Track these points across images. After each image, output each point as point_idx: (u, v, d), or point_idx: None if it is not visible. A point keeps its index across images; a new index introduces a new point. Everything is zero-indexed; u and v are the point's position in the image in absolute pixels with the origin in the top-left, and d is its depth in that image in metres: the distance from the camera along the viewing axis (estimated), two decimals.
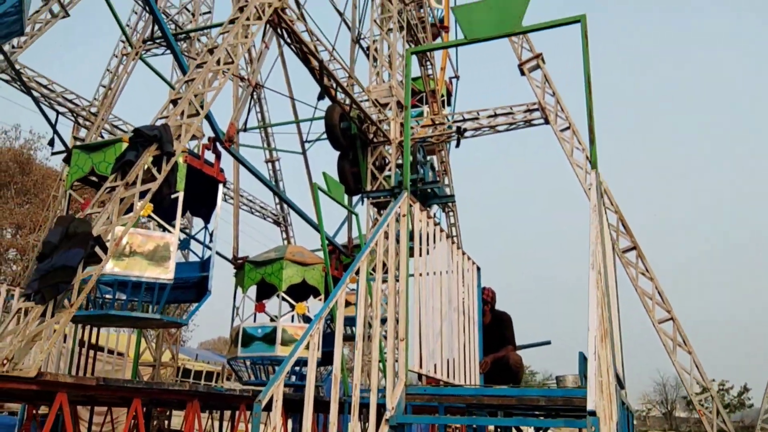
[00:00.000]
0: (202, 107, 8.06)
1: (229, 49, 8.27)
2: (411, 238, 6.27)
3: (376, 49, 14.51)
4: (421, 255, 6.46)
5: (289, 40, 10.55)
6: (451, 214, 18.66)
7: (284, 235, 20.53)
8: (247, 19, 8.80)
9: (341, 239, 17.58)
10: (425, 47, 12.62)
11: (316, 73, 11.39)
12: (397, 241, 6.39)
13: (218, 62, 8.06)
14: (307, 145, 19.28)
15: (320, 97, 11.87)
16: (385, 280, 6.07)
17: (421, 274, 6.43)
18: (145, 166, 6.57)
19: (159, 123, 7.10)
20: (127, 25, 17.34)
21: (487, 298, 9.16)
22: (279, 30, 10.34)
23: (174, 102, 7.47)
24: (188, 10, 17.30)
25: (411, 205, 6.55)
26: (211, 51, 8.20)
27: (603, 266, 5.87)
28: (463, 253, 8.29)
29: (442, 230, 7.43)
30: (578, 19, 6.91)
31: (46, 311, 5.17)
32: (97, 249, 5.58)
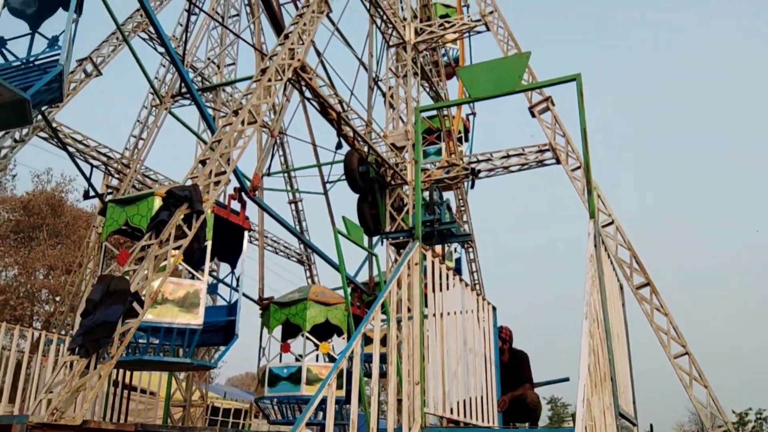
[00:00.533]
0: (228, 162, 8.67)
1: (253, 110, 8.91)
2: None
3: (392, 96, 15.15)
4: (435, 299, 6.88)
5: (308, 95, 11.21)
6: (471, 250, 19.03)
7: (308, 274, 21.07)
8: (269, 80, 9.45)
9: (363, 277, 18.05)
10: (432, 106, 13.22)
11: (335, 123, 12.02)
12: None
13: (243, 123, 8.69)
14: (328, 186, 19.95)
15: (338, 147, 12.48)
16: (400, 326, 6.50)
17: (434, 315, 6.85)
18: (177, 224, 7.14)
19: (188, 183, 7.70)
20: (156, 78, 18.31)
21: (505, 337, 9.46)
22: (299, 85, 11.01)
23: (203, 162, 8.09)
24: (214, 63, 18.21)
25: (423, 253, 7.03)
26: (236, 112, 8.84)
27: (602, 313, 6.24)
28: (478, 294, 8.69)
29: (455, 274, 7.86)
30: (574, 78, 7.42)
31: (89, 364, 5.69)
32: (135, 304, 6.13)
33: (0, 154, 11.53)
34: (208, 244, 9.98)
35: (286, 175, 18.92)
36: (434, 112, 22.95)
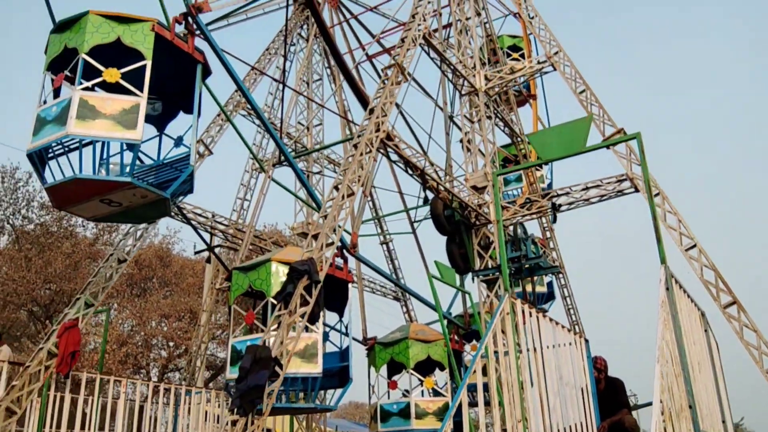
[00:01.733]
0: (335, 231, 10.04)
1: (350, 184, 10.27)
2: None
3: (469, 141, 16.22)
4: (527, 340, 7.86)
5: (395, 158, 12.52)
6: (561, 276, 19.59)
7: (404, 309, 22.29)
8: (361, 154, 10.80)
9: (457, 307, 19.05)
10: (510, 170, 14.14)
11: (419, 178, 13.24)
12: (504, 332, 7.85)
13: (342, 197, 10.06)
14: (416, 224, 21.21)
15: (425, 202, 13.67)
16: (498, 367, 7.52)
17: (529, 352, 7.81)
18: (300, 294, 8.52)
19: (305, 257, 9.10)
20: (254, 144, 20.29)
21: (600, 367, 10.25)
22: (385, 151, 12.35)
23: (315, 237, 9.49)
24: (302, 125, 19.99)
25: (513, 303, 8.04)
26: (336, 188, 10.24)
27: (678, 349, 7.01)
28: (569, 330, 9.56)
29: (545, 315, 8.81)
30: (634, 137, 8.30)
31: (247, 421, 7.06)
32: (276, 368, 7.49)
33: (137, 235, 13.54)
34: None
35: (376, 220, 20.37)
36: (508, 141, 23.79)
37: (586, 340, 10.25)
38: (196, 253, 24.61)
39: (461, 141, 16.72)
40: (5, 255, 31.85)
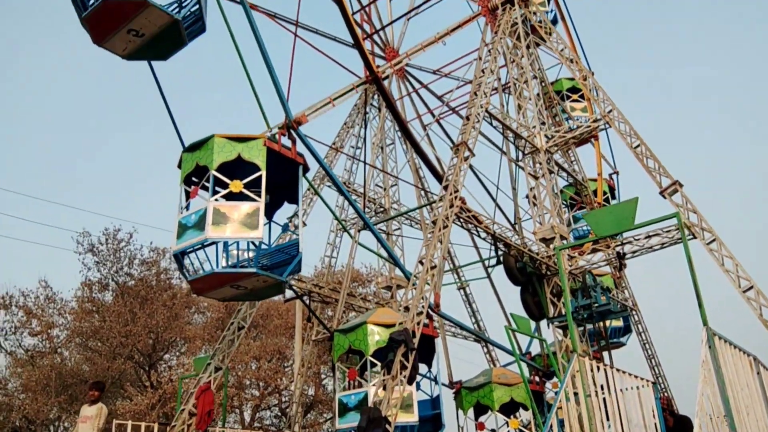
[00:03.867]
0: (423, 300, 11.85)
1: (431, 257, 12.09)
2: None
3: (534, 196, 17.78)
4: (597, 395, 9.33)
5: (468, 226, 14.28)
6: (635, 313, 20.58)
7: (485, 350, 23.71)
8: (439, 230, 12.63)
9: (535, 348, 20.30)
10: (572, 244, 15.57)
11: (491, 241, 14.92)
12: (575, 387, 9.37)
13: (427, 271, 11.88)
14: (490, 269, 22.76)
15: (498, 263, 15.33)
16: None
17: (598, 398, 9.28)
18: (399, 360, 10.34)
19: (403, 327, 10.94)
20: (337, 206, 22.52)
21: (664, 405, 11.58)
22: (459, 222, 14.14)
23: (406, 308, 11.34)
24: (380, 186, 22.09)
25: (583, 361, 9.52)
26: (421, 262, 12.08)
27: (721, 398, 8.34)
28: (636, 377, 10.98)
29: (611, 367, 10.31)
30: (674, 215, 9.76)
31: None
32: (387, 426, 9.28)
33: (252, 305, 15.83)
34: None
35: (454, 269, 22.14)
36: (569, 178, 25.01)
37: (654, 383, 11.62)
38: (286, 301, 26.89)
39: (527, 197, 18.29)
40: (112, 311, 35.34)
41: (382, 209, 21.37)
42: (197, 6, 12.57)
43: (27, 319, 33.52)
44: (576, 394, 9.03)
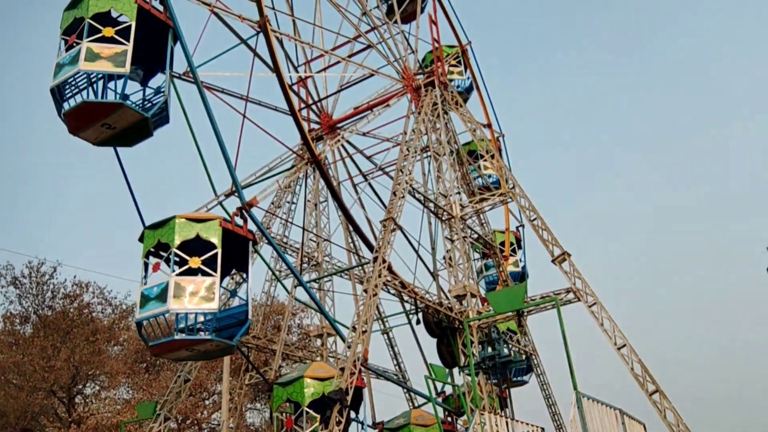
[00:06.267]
0: (356, 362, 14.05)
1: (364, 324, 14.33)
2: None
3: (450, 258, 20.44)
4: None
5: (394, 292, 16.69)
6: (537, 364, 23.55)
7: (405, 392, 26.13)
8: (370, 298, 14.90)
9: (448, 389, 22.89)
10: (482, 316, 18.26)
11: (413, 303, 17.38)
12: None
13: (359, 335, 14.11)
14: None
15: (418, 322, 17.84)
16: None
17: None
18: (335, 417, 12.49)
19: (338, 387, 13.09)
20: (272, 257, 24.43)
21: None
22: (386, 288, 16.51)
23: (342, 369, 13.51)
24: (313, 241, 24.20)
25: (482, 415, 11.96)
26: (353, 328, 14.30)
27: None
28: (528, 424, 13.54)
29: (511, 407, 12.86)
30: (554, 300, 12.45)
31: None
32: None
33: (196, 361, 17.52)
34: None
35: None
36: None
37: (542, 429, 14.35)
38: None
39: (443, 258, 20.97)
40: (35, 344, 35.15)
41: (315, 263, 23.49)
42: (163, 100, 14.43)
43: None
44: None
